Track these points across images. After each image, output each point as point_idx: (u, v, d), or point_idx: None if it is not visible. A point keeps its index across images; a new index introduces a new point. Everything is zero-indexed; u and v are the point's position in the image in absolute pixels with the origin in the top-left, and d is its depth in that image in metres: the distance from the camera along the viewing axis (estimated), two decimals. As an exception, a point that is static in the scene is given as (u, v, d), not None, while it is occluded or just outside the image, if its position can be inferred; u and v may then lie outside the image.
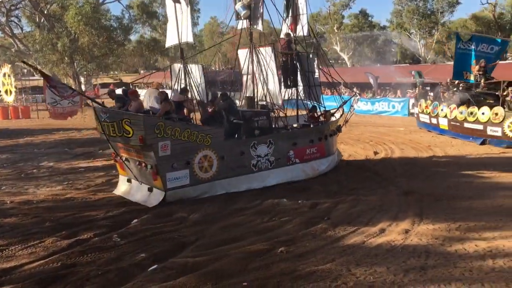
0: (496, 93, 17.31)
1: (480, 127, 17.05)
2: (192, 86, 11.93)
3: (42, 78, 8.78)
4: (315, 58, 13.67)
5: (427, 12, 53.94)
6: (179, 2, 11.82)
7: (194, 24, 59.03)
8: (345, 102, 14.50)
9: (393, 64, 48.96)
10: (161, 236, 7.75)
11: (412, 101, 29.47)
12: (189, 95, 11.72)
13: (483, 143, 16.79)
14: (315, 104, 13.56)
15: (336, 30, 59.26)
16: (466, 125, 17.76)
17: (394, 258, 6.64)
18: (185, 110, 11.31)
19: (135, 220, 8.63)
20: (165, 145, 9.57)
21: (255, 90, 12.89)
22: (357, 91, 28.42)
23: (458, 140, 18.06)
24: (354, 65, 57.75)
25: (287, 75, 13.23)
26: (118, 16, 36.00)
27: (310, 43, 14.24)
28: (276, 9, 13.04)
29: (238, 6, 12.41)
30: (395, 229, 7.90)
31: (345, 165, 13.85)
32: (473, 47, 19.21)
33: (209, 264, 6.48)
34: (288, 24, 13.67)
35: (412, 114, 28.73)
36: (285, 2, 13.67)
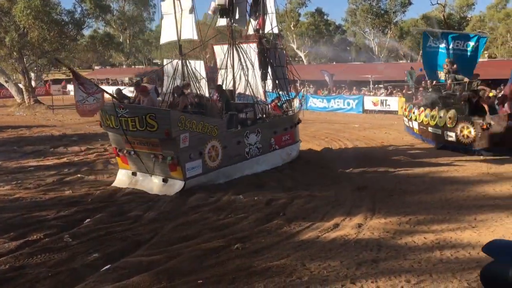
0: (456, 94, 15.99)
1: (439, 131, 15.64)
2: (193, 81, 12.21)
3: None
4: (284, 53, 14.91)
5: (381, 11, 55.35)
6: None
7: (150, 20, 58.18)
8: (297, 93, 15.68)
9: (348, 62, 49.92)
10: (115, 235, 7.59)
11: (367, 98, 30.19)
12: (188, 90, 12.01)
13: (442, 148, 15.43)
14: (278, 95, 14.44)
15: (292, 28, 59.78)
16: (429, 129, 16.33)
17: (347, 252, 6.78)
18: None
19: (88, 220, 8.41)
20: (185, 137, 10.13)
21: (236, 84, 13.66)
22: (308, 84, 29.08)
23: (410, 136, 18.63)
24: (310, 62, 58.49)
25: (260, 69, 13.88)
26: (70, 10, 34.87)
27: (275, 41, 14.98)
28: (250, 6, 13.69)
29: (213, 4, 12.99)
30: (348, 224, 8.07)
31: (300, 161, 14.02)
32: (444, 45, 17.40)
33: (164, 263, 6.41)
34: (256, 22, 14.10)
35: (366, 111, 29.44)
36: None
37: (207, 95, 12.54)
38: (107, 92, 10.00)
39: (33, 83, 35.73)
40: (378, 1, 54.93)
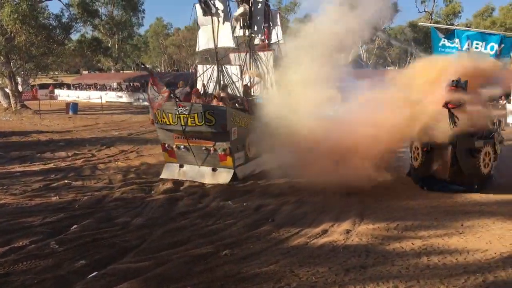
0: None
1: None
2: (230, 84, 13.67)
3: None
4: None
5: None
6: (214, 14, 13.12)
7: (139, 25, 57.95)
8: None
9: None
10: (102, 242, 7.53)
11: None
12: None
13: (408, 175, 12.25)
14: None
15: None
16: None
17: (336, 258, 6.80)
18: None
19: (75, 226, 8.33)
20: (235, 131, 11.64)
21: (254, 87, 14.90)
22: None
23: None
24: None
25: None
26: (57, 14, 34.57)
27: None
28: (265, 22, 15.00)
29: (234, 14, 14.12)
30: (337, 230, 8.09)
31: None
32: (456, 45, 13.51)
33: (152, 269, 6.37)
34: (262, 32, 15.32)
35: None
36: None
37: (241, 95, 13.87)
38: (172, 93, 11.25)
39: (20, 88, 35.34)
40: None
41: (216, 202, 9.98)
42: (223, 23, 13.36)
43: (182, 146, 11.86)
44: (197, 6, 13.25)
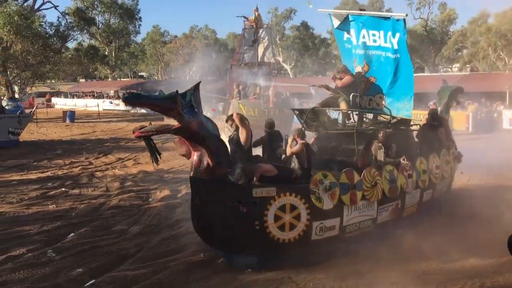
0: None
1: None
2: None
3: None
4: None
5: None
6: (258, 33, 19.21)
7: (136, 33, 58.16)
8: None
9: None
10: (99, 250, 7.50)
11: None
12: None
13: None
14: None
15: (278, 41, 60.25)
16: None
17: (333, 264, 6.79)
18: None
19: (72, 234, 8.31)
20: None
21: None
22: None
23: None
24: (296, 75, 58.91)
25: None
26: (54, 23, 34.72)
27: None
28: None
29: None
30: (334, 236, 8.06)
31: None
32: (352, 37, 9.64)
33: (150, 277, 6.36)
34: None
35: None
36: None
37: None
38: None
39: (16, 96, 35.36)
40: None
41: (213, 209, 9.94)
42: (267, 44, 18.74)
43: None
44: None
